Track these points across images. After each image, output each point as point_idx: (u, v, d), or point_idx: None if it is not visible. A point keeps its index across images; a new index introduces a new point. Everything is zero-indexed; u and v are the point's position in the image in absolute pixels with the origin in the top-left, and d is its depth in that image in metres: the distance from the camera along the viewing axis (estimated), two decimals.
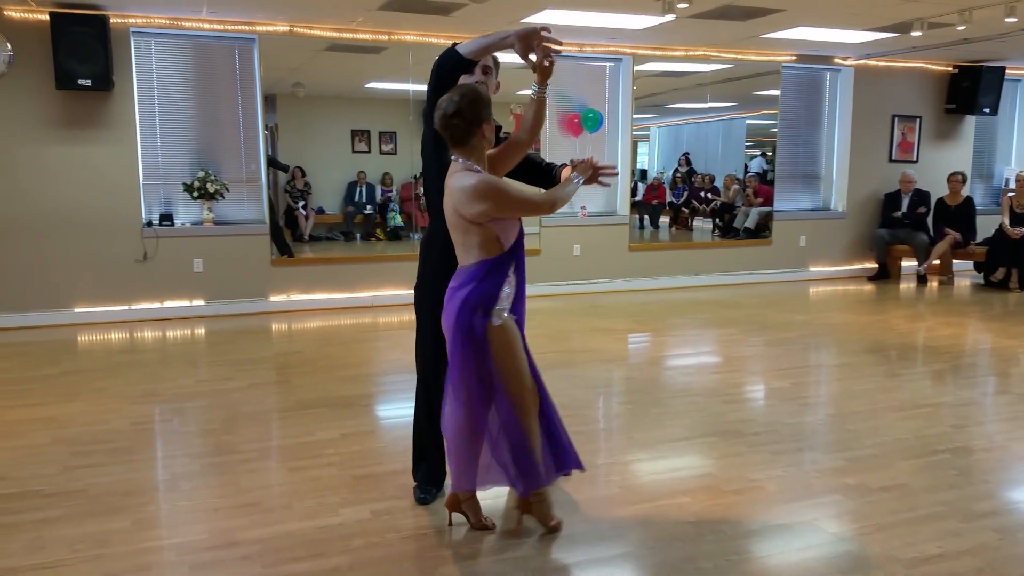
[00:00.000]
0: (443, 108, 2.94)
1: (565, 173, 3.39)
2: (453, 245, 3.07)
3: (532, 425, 3.09)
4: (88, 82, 6.77)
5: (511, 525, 3.25)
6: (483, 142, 3.00)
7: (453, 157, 3.03)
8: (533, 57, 3.02)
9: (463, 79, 3.22)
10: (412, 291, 3.43)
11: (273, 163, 8.05)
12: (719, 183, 10.24)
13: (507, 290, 3.03)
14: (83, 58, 6.72)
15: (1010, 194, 9.75)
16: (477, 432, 3.07)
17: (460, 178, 2.95)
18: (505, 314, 3.02)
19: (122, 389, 5.21)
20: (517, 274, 3.10)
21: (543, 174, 3.54)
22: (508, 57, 3.27)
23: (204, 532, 3.19)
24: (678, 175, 10.45)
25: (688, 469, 3.90)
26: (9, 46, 6.74)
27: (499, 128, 3.24)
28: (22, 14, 6.77)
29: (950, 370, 5.78)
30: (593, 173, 3.27)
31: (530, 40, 3.00)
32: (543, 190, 3.27)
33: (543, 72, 3.04)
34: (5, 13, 6.74)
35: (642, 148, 10.47)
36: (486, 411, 3.06)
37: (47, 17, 6.68)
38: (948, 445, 4.18)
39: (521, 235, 3.10)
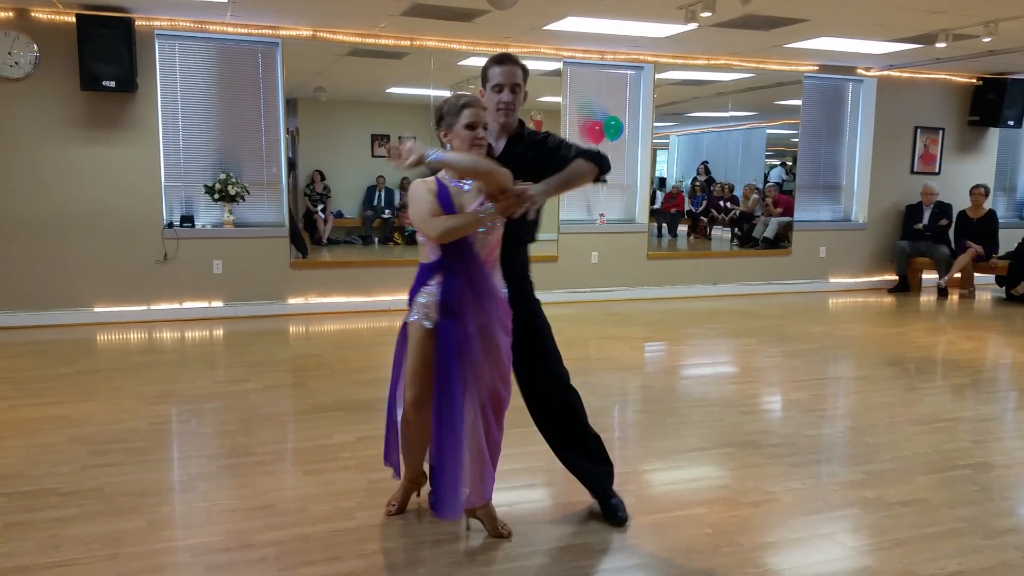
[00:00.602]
0: None
1: (577, 166, 3.12)
2: None
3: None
4: (112, 83, 6.82)
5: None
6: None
7: None
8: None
9: (489, 95, 3.18)
10: None
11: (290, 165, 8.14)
12: (738, 192, 10.20)
13: (423, 299, 3.01)
14: (108, 60, 6.78)
15: None
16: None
17: None
18: (414, 317, 3.04)
19: (139, 389, 5.23)
20: (445, 285, 2.97)
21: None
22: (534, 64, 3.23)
23: (219, 534, 3.19)
24: (697, 184, 10.42)
25: (705, 480, 3.87)
26: (35, 47, 6.82)
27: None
28: (49, 15, 6.83)
29: (970, 384, 5.72)
30: (508, 206, 2.86)
31: None
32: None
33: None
34: (32, 14, 6.81)
35: (661, 156, 10.45)
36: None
37: (73, 19, 6.75)
38: (968, 460, 4.13)
39: (460, 249, 2.94)
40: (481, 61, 3.28)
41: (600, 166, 3.18)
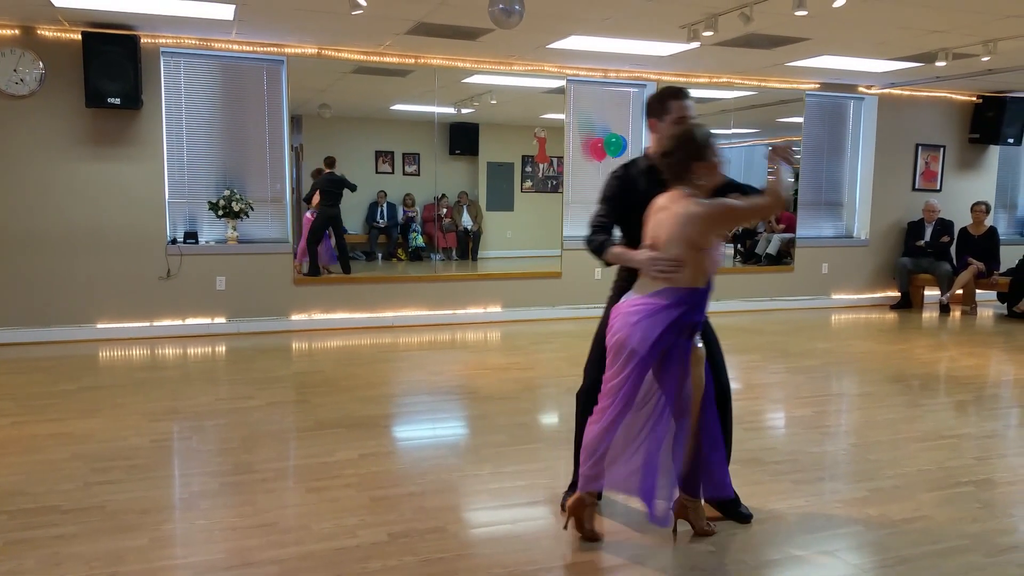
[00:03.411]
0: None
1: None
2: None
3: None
4: (117, 100, 6.86)
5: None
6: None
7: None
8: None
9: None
10: (448, 312, 3.48)
11: (344, 183, 8.37)
12: None
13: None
14: (113, 77, 6.81)
15: None
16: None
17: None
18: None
19: (142, 406, 5.23)
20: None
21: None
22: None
23: (221, 552, 3.18)
24: None
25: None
26: (41, 64, 6.86)
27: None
28: (55, 33, 6.88)
29: (973, 401, 5.71)
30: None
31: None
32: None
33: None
34: (38, 32, 6.85)
35: None
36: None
37: (79, 36, 6.79)
38: (971, 477, 4.12)
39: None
40: (485, 79, 3.36)
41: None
